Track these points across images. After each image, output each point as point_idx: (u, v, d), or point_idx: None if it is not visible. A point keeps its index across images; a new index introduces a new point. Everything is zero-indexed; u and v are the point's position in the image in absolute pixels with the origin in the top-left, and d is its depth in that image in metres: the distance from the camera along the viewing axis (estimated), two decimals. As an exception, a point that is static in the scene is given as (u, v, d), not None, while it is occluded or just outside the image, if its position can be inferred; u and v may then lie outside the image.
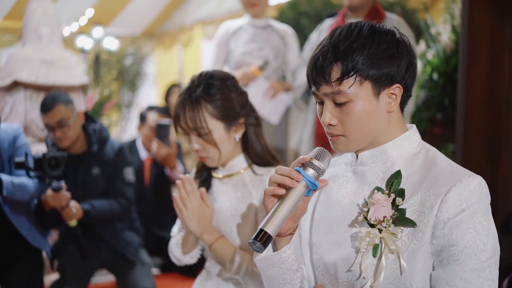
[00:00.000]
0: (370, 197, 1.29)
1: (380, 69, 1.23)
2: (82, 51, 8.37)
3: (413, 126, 1.35)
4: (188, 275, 3.64)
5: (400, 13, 3.74)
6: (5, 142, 2.54)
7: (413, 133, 1.33)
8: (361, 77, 1.23)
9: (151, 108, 4.05)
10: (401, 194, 1.25)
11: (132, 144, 3.99)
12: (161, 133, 3.55)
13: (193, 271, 3.58)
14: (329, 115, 1.27)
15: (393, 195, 1.25)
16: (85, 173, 2.93)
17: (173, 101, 5.82)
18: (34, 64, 3.43)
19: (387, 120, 1.28)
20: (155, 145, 3.56)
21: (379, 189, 1.28)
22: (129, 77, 9.39)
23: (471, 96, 2.78)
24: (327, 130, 1.31)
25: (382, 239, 1.24)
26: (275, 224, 1.18)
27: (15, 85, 3.47)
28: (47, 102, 2.77)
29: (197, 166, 1.91)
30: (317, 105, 1.33)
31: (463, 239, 1.18)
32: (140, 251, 3.12)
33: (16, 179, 2.49)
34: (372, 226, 1.25)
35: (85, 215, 2.76)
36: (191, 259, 1.84)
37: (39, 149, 3.31)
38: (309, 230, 1.41)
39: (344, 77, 1.22)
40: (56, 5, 3.77)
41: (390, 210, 1.24)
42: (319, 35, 3.54)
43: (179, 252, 1.83)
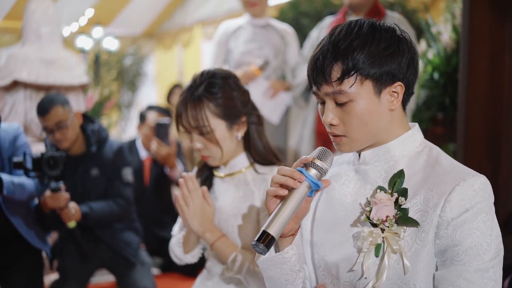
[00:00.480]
0: (372, 196, 1.28)
1: (381, 68, 1.22)
2: (82, 51, 8.36)
3: (416, 124, 1.34)
4: (188, 274, 3.63)
5: (400, 13, 3.73)
6: (6, 141, 2.53)
7: (416, 131, 1.32)
8: (362, 76, 1.21)
9: (151, 107, 4.04)
10: (404, 193, 1.24)
11: (132, 143, 3.98)
12: (161, 132, 3.54)
13: (193, 271, 3.57)
14: (330, 115, 1.26)
15: (395, 194, 1.24)
16: (84, 174, 2.92)
17: (175, 102, 5.80)
18: (34, 63, 3.42)
19: (389, 118, 1.27)
20: (154, 144, 3.56)
21: (381, 188, 1.27)
22: (129, 77, 9.38)
23: (472, 95, 2.78)
24: (329, 130, 1.30)
25: (384, 238, 1.23)
26: (278, 225, 1.18)
27: (15, 85, 3.47)
28: (44, 104, 2.75)
29: (198, 165, 1.90)
30: (319, 105, 1.32)
31: (467, 239, 1.17)
32: (140, 251, 3.11)
33: (16, 179, 2.48)
34: (374, 225, 1.24)
35: (84, 218, 2.75)
36: (192, 258, 1.83)
37: (39, 148, 3.31)
38: (310, 229, 1.40)
39: (344, 76, 1.21)
40: (56, 5, 3.76)
41: (393, 209, 1.23)
42: (320, 32, 3.54)
43: (180, 251, 1.82)
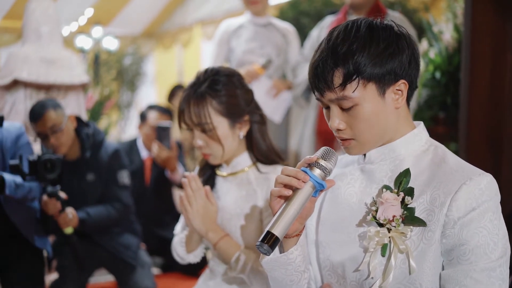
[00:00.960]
0: (378, 195, 1.27)
1: (382, 68, 1.20)
2: (81, 51, 8.33)
3: (421, 123, 1.33)
4: (189, 274, 3.62)
5: (401, 13, 3.72)
6: (8, 141, 2.51)
7: (421, 130, 1.31)
8: (364, 79, 1.20)
9: (151, 107, 4.02)
10: (410, 192, 1.23)
11: (132, 143, 3.96)
12: (162, 135, 3.52)
13: (194, 271, 3.57)
14: (337, 120, 1.25)
15: (402, 194, 1.24)
16: (79, 179, 2.88)
17: (177, 103, 5.77)
18: (34, 63, 3.41)
19: (395, 117, 1.26)
20: (155, 148, 3.54)
21: (387, 187, 1.26)
22: (129, 77, 9.36)
23: (474, 95, 2.77)
24: (337, 134, 1.28)
25: (391, 238, 1.22)
26: (282, 226, 1.17)
27: (15, 84, 3.45)
28: (36, 110, 2.72)
29: (200, 164, 1.89)
30: (324, 109, 1.30)
31: (474, 238, 1.17)
32: (139, 253, 3.09)
33: (18, 179, 2.47)
34: (381, 225, 1.24)
35: (82, 224, 2.70)
36: (194, 257, 1.82)
37: (39, 148, 3.29)
38: (315, 229, 1.39)
39: (346, 82, 1.20)
40: (55, 5, 3.75)
41: (399, 209, 1.23)
42: (320, 32, 3.53)
43: (183, 250, 1.82)
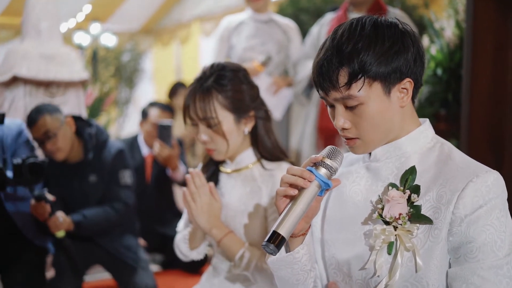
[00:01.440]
0: (384, 193, 1.26)
1: (388, 67, 1.19)
2: (79, 47, 8.31)
3: (426, 120, 1.33)
4: (189, 271, 3.62)
5: (400, 9, 3.72)
6: (8, 138, 2.50)
7: (427, 127, 1.31)
8: (369, 78, 1.19)
9: (153, 104, 3.99)
10: (416, 190, 1.23)
11: (133, 140, 3.94)
12: (163, 133, 3.51)
13: (194, 268, 3.57)
14: (342, 119, 1.24)
15: (408, 191, 1.23)
16: (81, 182, 2.85)
17: (178, 102, 5.75)
18: (33, 59, 3.39)
19: (401, 115, 1.26)
20: (157, 146, 3.53)
21: (393, 185, 1.25)
22: (127, 74, 9.34)
23: (475, 91, 2.76)
24: (341, 133, 1.28)
25: (397, 236, 1.21)
26: (288, 225, 1.17)
27: (15, 81, 3.43)
28: (32, 115, 2.69)
29: (203, 161, 1.89)
30: (328, 108, 1.30)
31: (481, 236, 1.16)
32: (139, 253, 3.07)
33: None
34: (387, 223, 1.23)
35: (77, 227, 2.65)
36: (198, 255, 1.82)
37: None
38: (320, 227, 1.39)
39: (352, 81, 1.19)
40: (55, 1, 3.73)
41: (405, 207, 1.22)
42: (320, 29, 3.53)
43: (186, 247, 1.81)
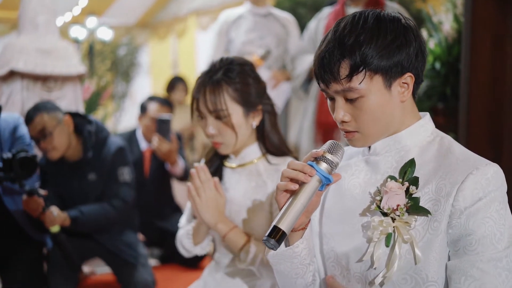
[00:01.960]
0: (383, 185, 1.27)
1: (389, 60, 1.20)
2: (75, 41, 8.27)
3: (427, 114, 1.33)
4: (188, 266, 3.62)
5: (398, 3, 3.71)
6: (5, 132, 2.48)
7: (427, 121, 1.31)
8: (371, 71, 1.20)
9: (151, 98, 3.98)
10: (414, 182, 1.23)
11: (132, 134, 3.93)
12: (162, 128, 3.50)
13: (193, 262, 3.58)
14: (342, 112, 1.25)
15: (406, 183, 1.23)
16: (81, 180, 2.85)
17: (177, 97, 5.74)
18: (31, 53, 3.37)
19: (401, 110, 1.26)
20: (156, 141, 3.52)
21: (392, 177, 1.26)
22: (123, 68, 9.30)
23: (474, 85, 2.77)
24: (341, 126, 1.28)
25: (395, 228, 1.22)
26: (289, 220, 1.17)
27: (12, 75, 3.42)
28: (29, 113, 2.68)
29: (205, 156, 1.88)
30: (328, 101, 1.30)
31: (480, 228, 1.16)
32: (139, 249, 3.06)
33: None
34: (385, 215, 1.24)
35: (74, 222, 2.64)
36: (201, 250, 1.82)
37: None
38: (318, 220, 1.39)
39: (353, 73, 1.19)
40: (51, -6, 3.71)
41: (403, 198, 1.23)
42: (318, 23, 3.52)
43: (190, 243, 1.80)
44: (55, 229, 2.53)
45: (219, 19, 3.87)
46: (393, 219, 1.22)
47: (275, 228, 1.16)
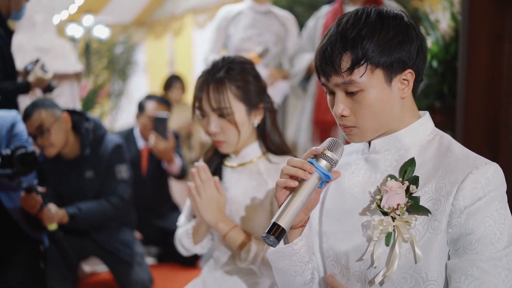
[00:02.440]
0: (383, 184, 1.27)
1: (391, 56, 1.20)
2: (72, 39, 8.25)
3: (426, 113, 1.33)
4: (185, 264, 3.62)
5: (396, 2, 3.72)
6: (3, 129, 2.47)
7: (427, 120, 1.31)
8: (372, 65, 1.20)
9: (149, 97, 3.98)
10: (415, 181, 1.23)
11: (129, 133, 3.92)
12: (159, 126, 3.50)
13: (190, 261, 3.58)
14: (341, 106, 1.25)
15: (406, 182, 1.23)
16: (79, 178, 2.84)
17: (174, 95, 5.73)
18: (28, 52, 3.37)
19: (400, 106, 1.26)
20: (153, 139, 3.52)
21: (392, 176, 1.26)
22: (120, 66, 9.28)
23: (471, 84, 2.77)
24: (340, 121, 1.28)
25: (395, 227, 1.22)
26: (288, 217, 1.17)
27: (9, 73, 3.41)
28: (27, 109, 2.68)
29: (204, 156, 1.88)
30: (328, 96, 1.30)
31: (480, 227, 1.16)
32: (135, 247, 3.06)
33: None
34: (385, 214, 1.24)
35: (72, 219, 2.64)
36: (201, 249, 1.81)
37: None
38: (318, 219, 1.39)
39: (354, 66, 1.20)
40: (48, -7, 3.70)
41: (404, 197, 1.23)
42: (317, 22, 3.52)
43: (190, 242, 1.80)
44: (53, 227, 2.53)
45: (218, 15, 3.86)
46: (393, 218, 1.22)
47: (275, 224, 1.16)
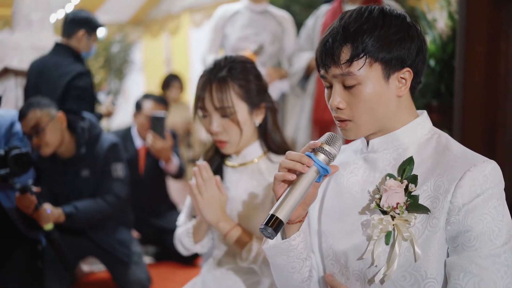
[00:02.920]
0: (381, 184, 1.27)
1: (390, 52, 1.22)
2: (68, 38, 8.23)
3: (424, 112, 1.34)
4: (183, 263, 3.62)
5: (395, 1, 3.72)
6: (2, 128, 2.47)
7: (424, 119, 1.32)
8: (371, 59, 1.21)
9: (147, 96, 3.97)
10: (414, 180, 1.24)
11: (127, 132, 3.91)
12: (156, 125, 3.49)
13: (188, 260, 3.58)
14: (338, 98, 1.26)
15: (405, 181, 1.24)
16: (74, 177, 2.84)
17: (172, 95, 5.72)
18: (25, 50, 3.37)
19: (396, 104, 1.27)
20: (150, 138, 3.51)
21: (391, 175, 1.27)
22: (116, 65, 9.26)
23: (468, 83, 2.78)
24: (335, 114, 1.29)
25: (395, 226, 1.23)
26: (286, 209, 1.17)
27: (6, 72, 3.42)
28: (22, 109, 2.67)
29: (205, 155, 1.87)
30: (325, 89, 1.31)
31: (478, 224, 1.17)
32: (132, 247, 3.06)
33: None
34: (384, 213, 1.24)
35: (69, 218, 2.63)
36: (202, 248, 1.81)
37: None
38: (317, 218, 1.39)
39: (353, 58, 1.21)
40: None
41: (403, 196, 1.23)
42: (316, 21, 3.52)
43: (190, 241, 1.80)
44: (49, 226, 2.52)
45: (216, 14, 3.86)
46: (393, 217, 1.23)
47: (272, 216, 1.16)
